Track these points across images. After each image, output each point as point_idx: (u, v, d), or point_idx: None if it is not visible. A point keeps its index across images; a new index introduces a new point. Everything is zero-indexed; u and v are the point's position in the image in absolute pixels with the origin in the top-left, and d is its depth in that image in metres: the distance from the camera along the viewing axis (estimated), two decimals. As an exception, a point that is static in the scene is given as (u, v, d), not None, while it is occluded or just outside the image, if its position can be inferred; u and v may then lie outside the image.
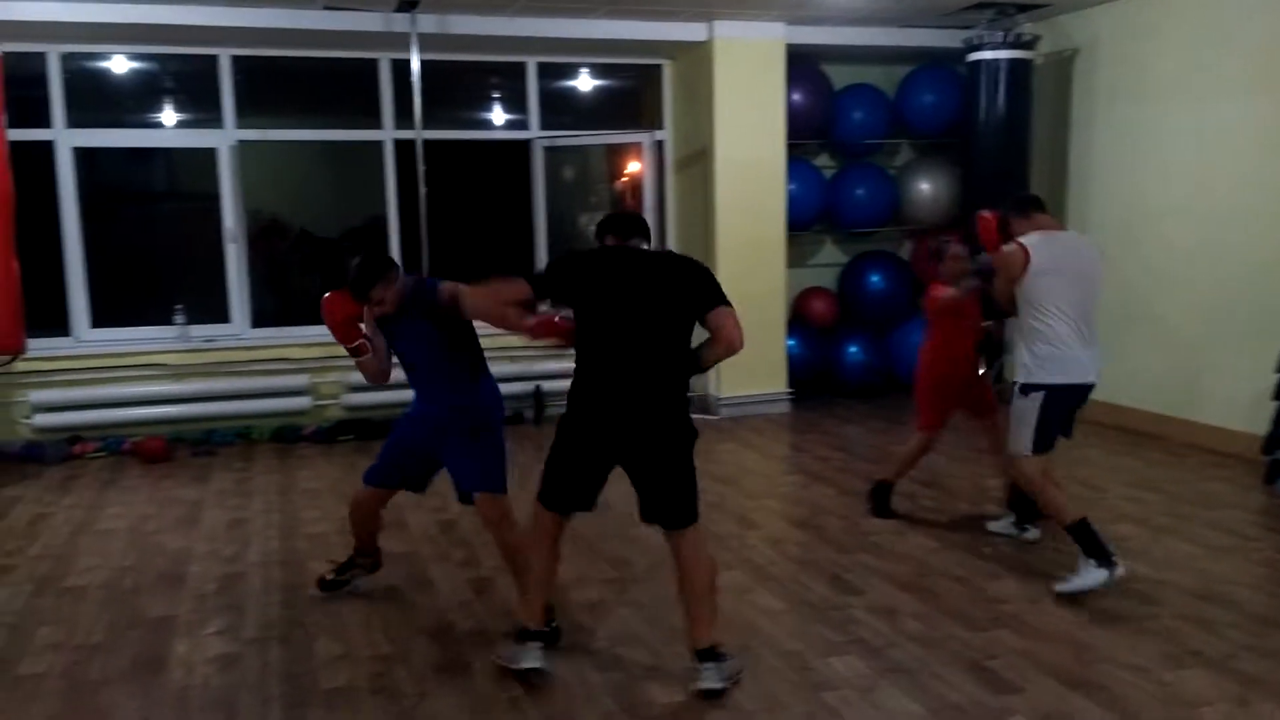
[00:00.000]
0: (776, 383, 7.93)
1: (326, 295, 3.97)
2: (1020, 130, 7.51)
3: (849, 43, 7.92)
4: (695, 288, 3.51)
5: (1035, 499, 4.38)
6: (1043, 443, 4.24)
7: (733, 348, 3.52)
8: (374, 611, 4.15)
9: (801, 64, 7.94)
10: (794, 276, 8.22)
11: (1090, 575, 4.05)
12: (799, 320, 8.36)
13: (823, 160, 8.67)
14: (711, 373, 7.79)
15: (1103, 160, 7.41)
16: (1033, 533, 4.82)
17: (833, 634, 3.84)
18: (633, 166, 8.33)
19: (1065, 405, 4.29)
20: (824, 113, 8.27)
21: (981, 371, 5.19)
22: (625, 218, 3.77)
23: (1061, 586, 4.12)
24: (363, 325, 4.01)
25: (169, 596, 4.35)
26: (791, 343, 8.07)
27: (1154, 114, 6.94)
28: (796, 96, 7.97)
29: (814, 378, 8.31)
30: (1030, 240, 4.26)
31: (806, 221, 8.29)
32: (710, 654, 3.44)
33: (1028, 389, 4.25)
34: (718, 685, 3.39)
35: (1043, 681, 3.43)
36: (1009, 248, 4.30)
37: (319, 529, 5.24)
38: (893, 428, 7.37)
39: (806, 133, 8.17)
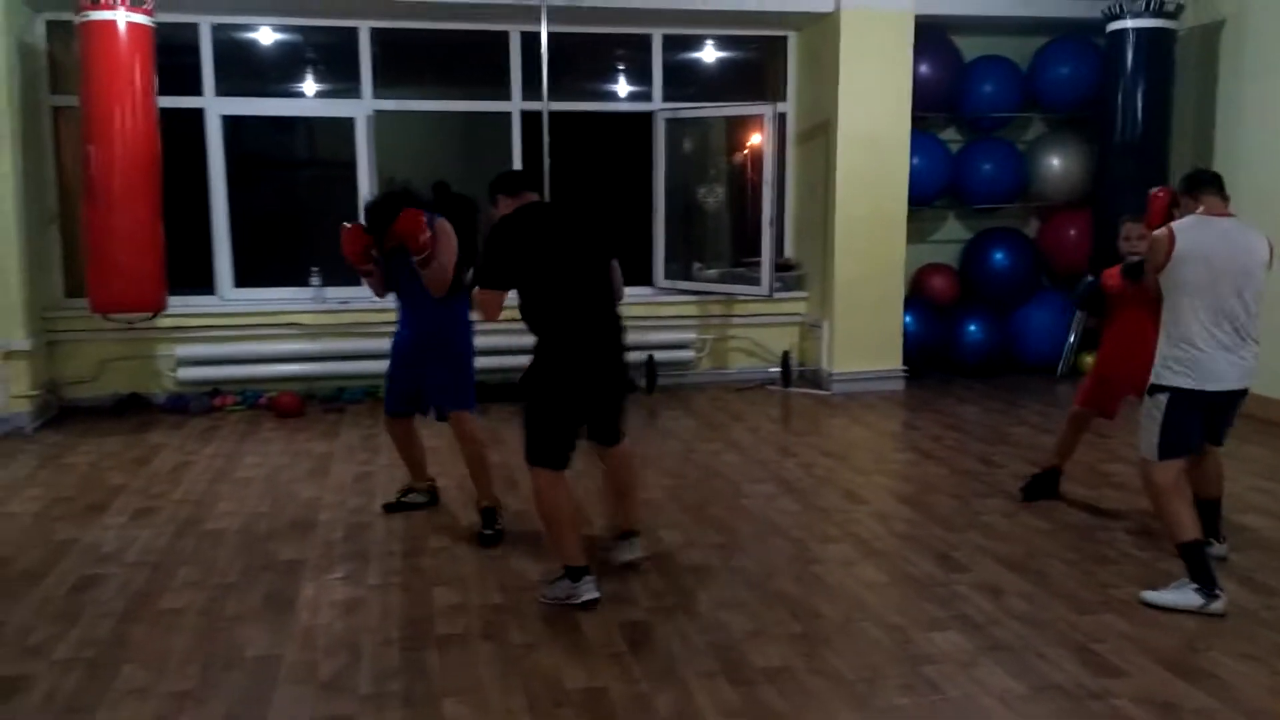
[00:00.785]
0: (891, 360, 7.86)
1: (346, 227, 4.65)
2: (1162, 105, 7.25)
3: (981, 13, 7.75)
4: (607, 236, 4.00)
5: (1155, 506, 4.02)
6: (1171, 448, 3.88)
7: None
8: (489, 565, 4.33)
9: (930, 35, 7.80)
10: (914, 252, 8.11)
11: (1186, 597, 3.78)
12: (917, 297, 8.25)
13: (949, 134, 8.51)
14: (825, 347, 7.81)
15: (1250, 138, 7.08)
16: (1219, 549, 4.29)
17: (936, 609, 3.85)
18: (742, 138, 8.33)
19: (1197, 411, 3.89)
20: (952, 85, 8.12)
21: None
22: (512, 176, 4.18)
23: (1150, 595, 3.87)
24: (374, 252, 4.62)
25: (299, 542, 4.61)
26: (909, 319, 7.98)
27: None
28: (924, 68, 7.83)
29: (931, 356, 8.20)
30: (1182, 224, 3.90)
31: (929, 196, 8.16)
32: (633, 533, 4.24)
33: (1155, 389, 3.93)
34: (638, 556, 4.20)
35: (1148, 667, 3.39)
36: (1158, 231, 3.97)
37: (439, 484, 5.45)
38: (1011, 409, 7.25)
39: (933, 105, 8.03)
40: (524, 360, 3.99)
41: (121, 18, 6.21)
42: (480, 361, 4.96)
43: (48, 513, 5.05)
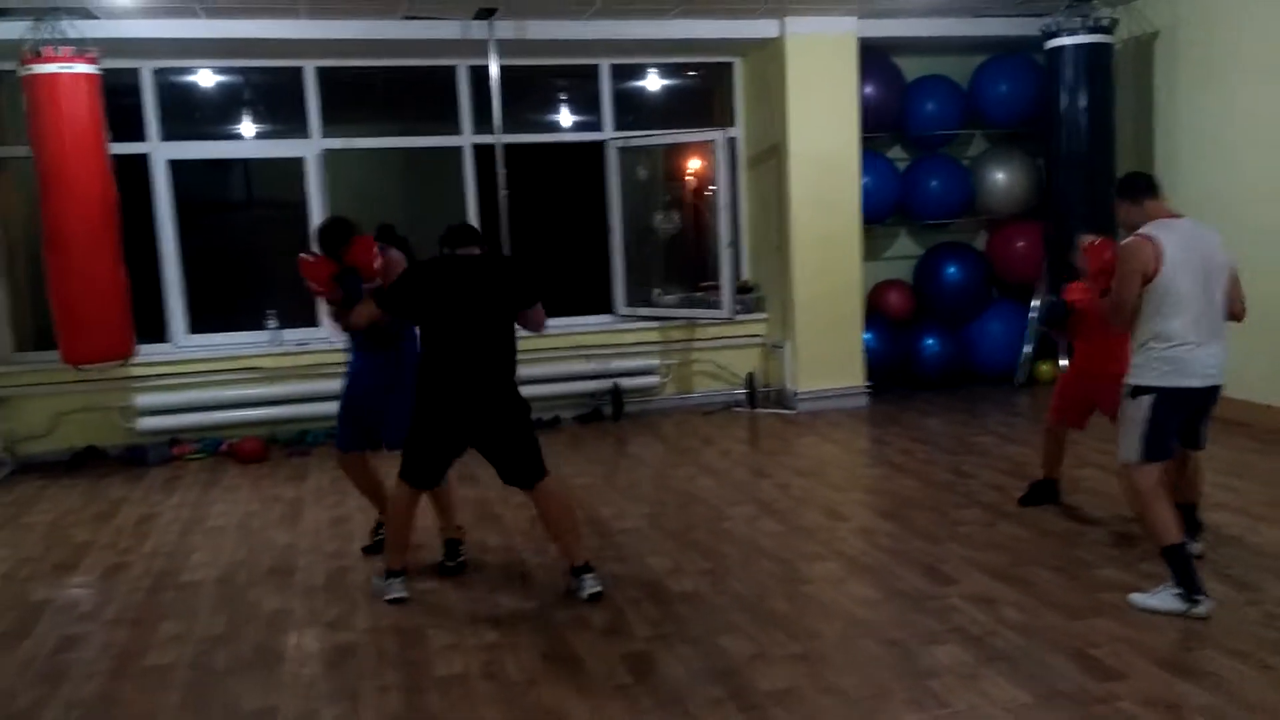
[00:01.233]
0: (854, 377, 7.95)
1: (306, 257, 4.68)
2: (1104, 117, 7.43)
3: (922, 34, 7.92)
4: (515, 286, 4.29)
5: (1137, 510, 4.05)
6: (1154, 450, 3.90)
7: (536, 331, 4.50)
8: (479, 603, 4.28)
9: (873, 56, 7.95)
10: (869, 270, 8.23)
11: (1169, 601, 3.82)
12: (874, 314, 8.36)
13: (896, 153, 8.66)
14: (788, 367, 7.88)
15: (1189, 146, 7.30)
16: (1196, 546, 4.29)
17: (932, 623, 3.88)
18: (694, 164, 8.41)
19: (1181, 410, 3.92)
20: (896, 105, 8.27)
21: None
22: (454, 230, 4.37)
23: (1137, 599, 3.92)
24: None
25: (281, 590, 4.52)
26: (868, 336, 8.08)
27: (1242, 97, 6.84)
28: (868, 89, 7.98)
29: (891, 371, 8.31)
30: (1155, 232, 3.84)
31: (881, 214, 8.30)
32: (585, 568, 4.28)
33: (1138, 391, 3.92)
34: (599, 589, 4.22)
35: (1147, 668, 3.44)
36: (1131, 242, 3.88)
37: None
38: (973, 419, 7.37)
39: (879, 125, 8.17)
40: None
41: (68, 70, 6.09)
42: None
43: (15, 574, 4.89)
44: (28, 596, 4.57)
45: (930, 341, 8.37)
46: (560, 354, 7.84)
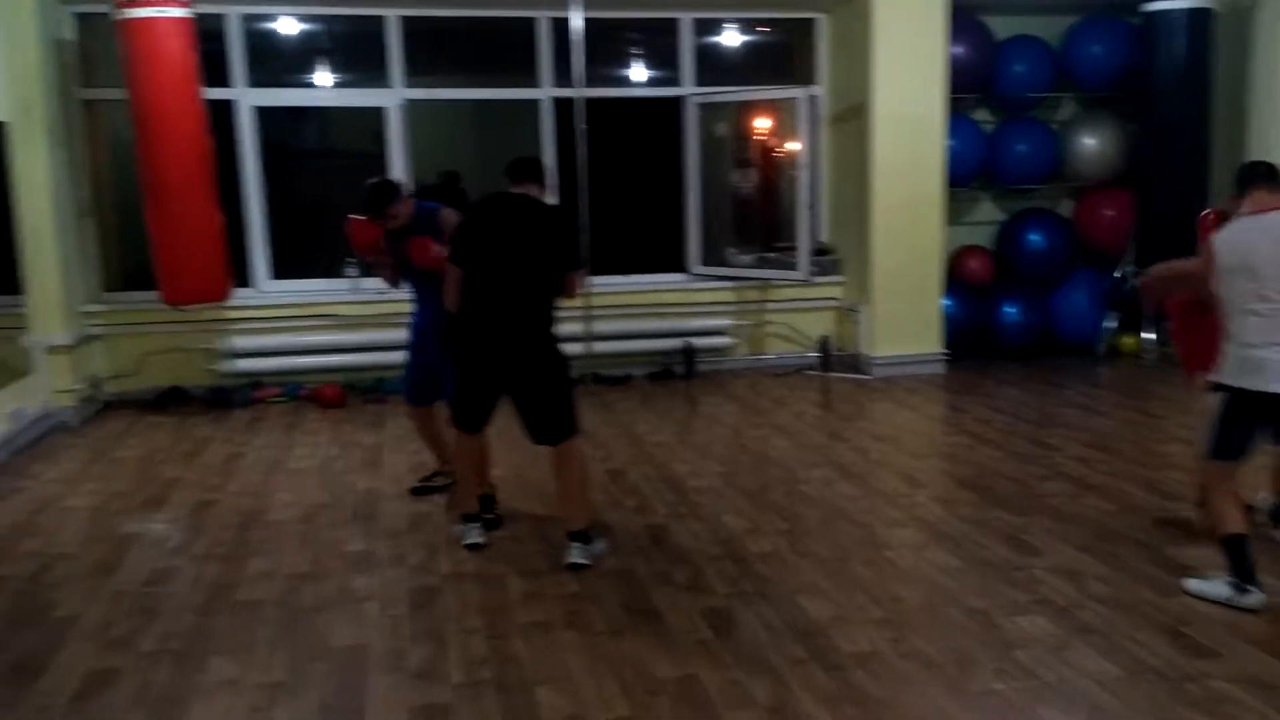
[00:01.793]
0: (931, 343, 7.83)
1: (352, 219, 4.74)
2: (1201, 85, 7.20)
3: (1015, -8, 7.69)
4: (560, 243, 4.18)
5: (1204, 495, 4.02)
6: (1223, 449, 3.80)
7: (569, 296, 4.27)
8: (559, 552, 4.31)
9: (962, 15, 7.75)
10: (950, 234, 8.08)
11: (1219, 589, 3.73)
12: (954, 279, 8.22)
13: (982, 115, 8.46)
14: (863, 331, 7.79)
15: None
16: None
17: (1017, 593, 3.84)
18: (773, 122, 8.29)
19: (1253, 413, 3.75)
20: (985, 66, 8.06)
21: None
22: (516, 162, 4.27)
23: (1190, 583, 3.83)
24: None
25: (366, 532, 4.61)
26: (947, 302, 7.95)
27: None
28: (956, 49, 7.78)
29: (970, 338, 8.17)
30: (1222, 234, 3.79)
31: (964, 178, 8.12)
32: (579, 535, 4.16)
33: (1215, 386, 3.83)
34: (581, 560, 4.10)
35: (1241, 648, 3.37)
36: (1202, 253, 3.87)
37: (491, 473, 5.44)
38: (1054, 390, 7.24)
39: (966, 86, 7.97)
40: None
41: (164, 12, 6.16)
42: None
43: (107, 506, 5.04)
44: (118, 529, 4.71)
45: (1011, 309, 8.21)
46: (633, 311, 7.84)
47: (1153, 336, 8.06)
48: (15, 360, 6.26)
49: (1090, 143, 8.13)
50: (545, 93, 7.91)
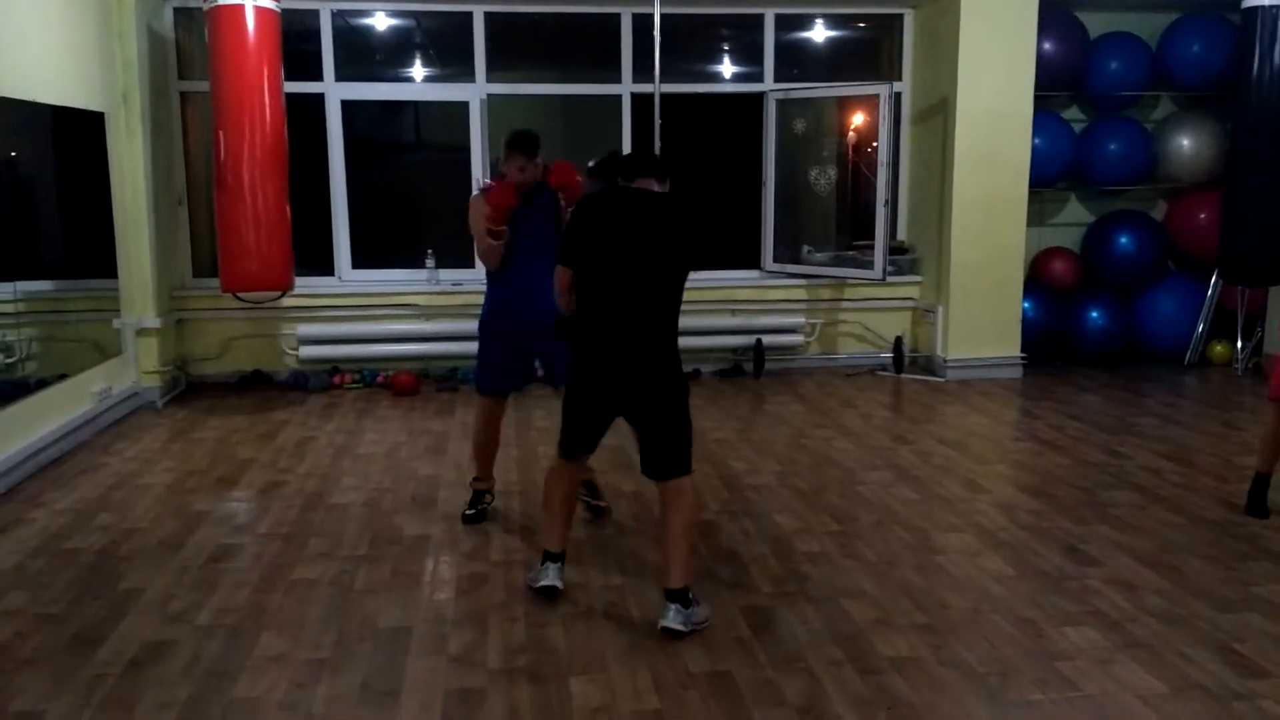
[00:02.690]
0: (1009, 346, 7.66)
1: (495, 183, 4.40)
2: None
3: (1109, -12, 7.47)
4: (687, 244, 3.62)
5: None
6: None
7: None
8: (607, 545, 4.36)
9: (1054, 10, 7.55)
10: (1033, 236, 7.89)
11: None
12: (1036, 282, 8.02)
13: (1072, 113, 8.23)
14: (939, 333, 7.65)
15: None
16: None
17: (1068, 604, 3.74)
18: (855, 119, 8.18)
19: None
20: (1077, 63, 7.85)
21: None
22: (630, 158, 3.88)
23: None
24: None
25: (423, 518, 4.71)
26: (1027, 305, 7.76)
27: None
28: (1047, 45, 7.59)
29: (1050, 343, 7.97)
30: None
31: (1051, 177, 7.92)
32: (677, 595, 3.53)
33: None
34: (676, 627, 3.48)
35: (1299, 670, 3.25)
36: None
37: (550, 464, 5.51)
38: (1135, 399, 7.01)
39: (1056, 83, 7.78)
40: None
41: (250, 4, 6.35)
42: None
43: (181, 484, 5.24)
44: (190, 507, 4.89)
45: (1095, 314, 7.97)
46: (705, 307, 7.83)
47: (1246, 345, 7.76)
48: (107, 340, 6.54)
49: (1185, 143, 7.86)
50: (625, 88, 7.95)
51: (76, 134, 6.22)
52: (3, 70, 5.23)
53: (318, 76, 7.61)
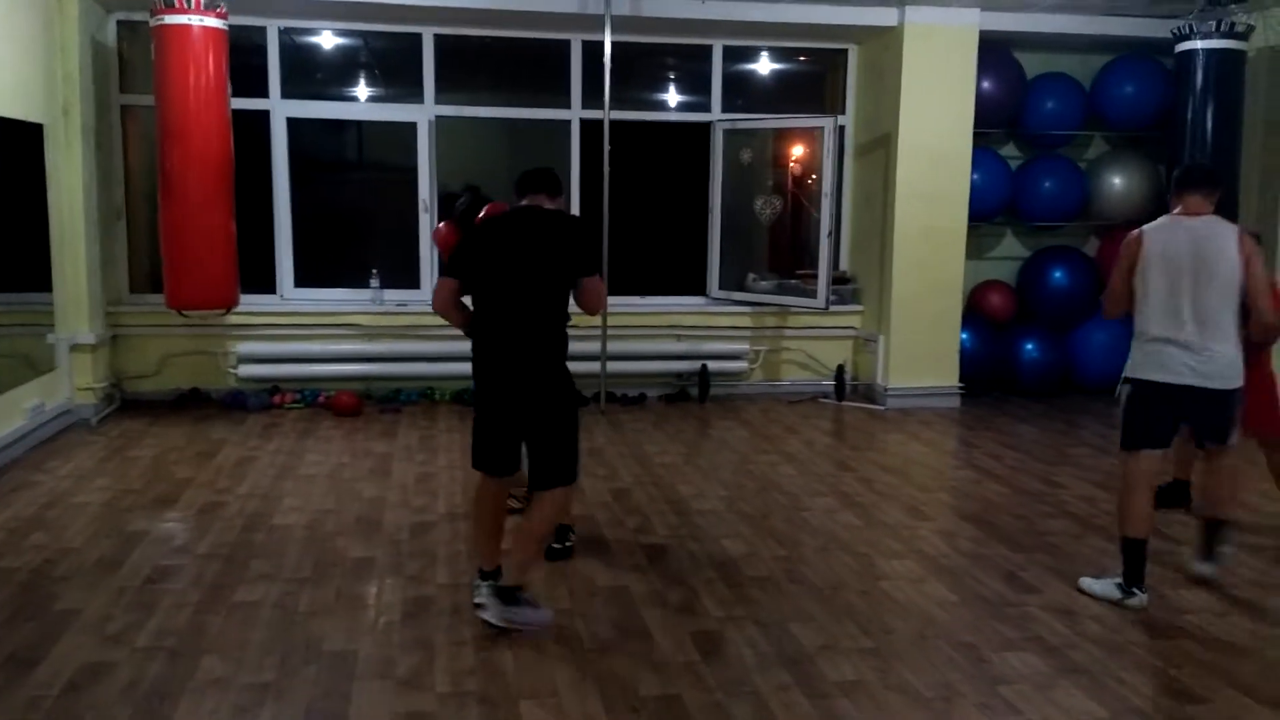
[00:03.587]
0: (948, 376, 7.81)
1: (440, 225, 4.74)
2: (1232, 126, 7.15)
3: (1047, 30, 7.69)
4: (574, 251, 3.73)
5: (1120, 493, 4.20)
6: (1130, 439, 4.11)
7: (590, 313, 3.90)
8: (554, 569, 4.34)
9: (993, 50, 7.76)
10: (971, 269, 8.07)
11: (1108, 589, 4.06)
12: (973, 313, 8.19)
13: (1009, 150, 8.46)
14: (880, 362, 7.78)
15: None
16: (1206, 568, 4.31)
17: (1009, 630, 3.82)
18: (799, 150, 8.31)
19: (1156, 404, 4.02)
20: (1014, 101, 8.07)
21: None
22: (524, 175, 3.89)
23: (1085, 583, 4.18)
24: None
25: (367, 540, 4.65)
26: (965, 336, 7.93)
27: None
28: (986, 84, 7.79)
29: (987, 374, 8.13)
30: (1150, 226, 4.11)
31: (988, 212, 8.11)
32: (505, 591, 3.69)
33: (1123, 380, 4.19)
34: (489, 619, 3.66)
35: (1231, 695, 3.34)
36: (1129, 235, 4.19)
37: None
38: (1070, 430, 7.19)
39: (994, 121, 7.99)
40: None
41: (197, 20, 6.28)
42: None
43: (117, 503, 5.12)
44: (126, 526, 4.78)
45: (1030, 346, 8.17)
46: (650, 332, 7.88)
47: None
48: (40, 356, 6.37)
49: (1118, 182, 8.10)
50: (574, 114, 7.99)
51: (14, 145, 6.08)
52: (-60, 77, 5.11)
53: (262, 93, 7.54)
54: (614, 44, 7.26)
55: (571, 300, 3.76)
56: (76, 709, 3.13)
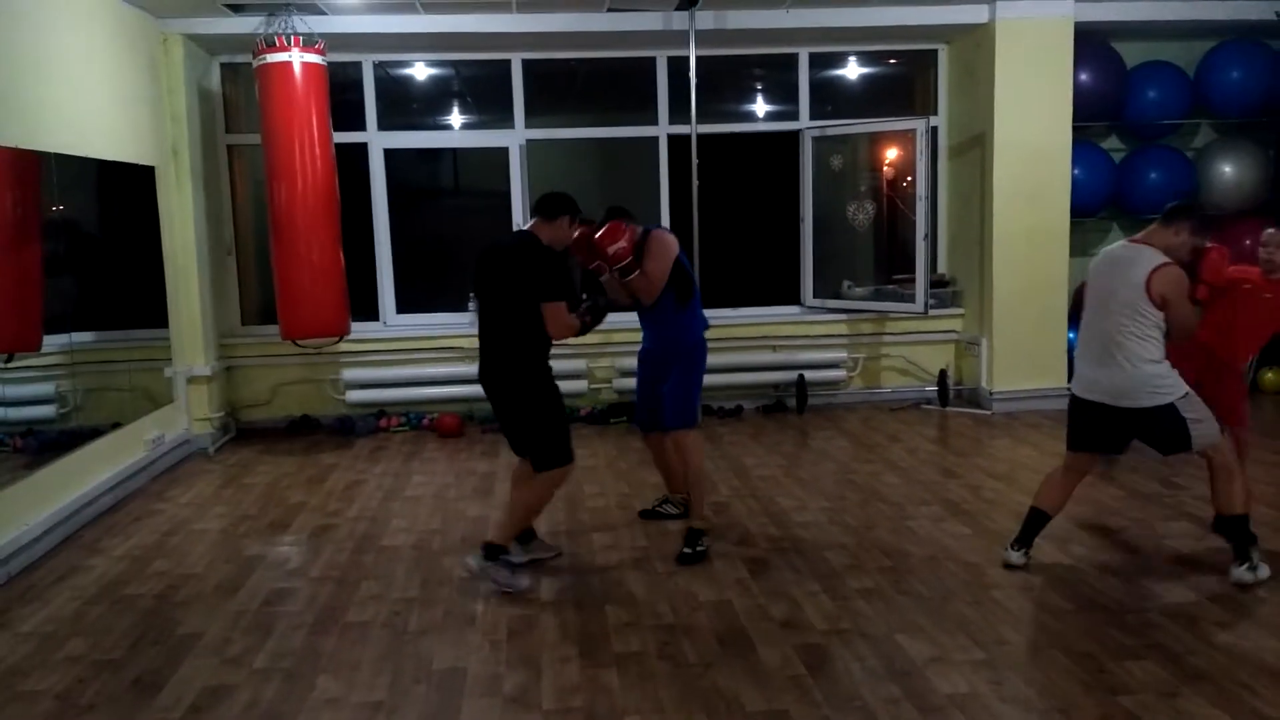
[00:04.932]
0: (1055, 378, 7.58)
1: (609, 224, 4.59)
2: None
3: (1145, 18, 7.45)
4: (519, 280, 4.17)
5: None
6: (1069, 441, 4.40)
7: (555, 339, 4.32)
8: (656, 583, 4.35)
9: (1090, 41, 7.55)
10: (1076, 266, 7.83)
11: (1242, 575, 4.11)
12: (1079, 313, 7.93)
13: (1111, 143, 8.21)
14: (983, 365, 7.61)
15: None
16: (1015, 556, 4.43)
17: (1129, 638, 3.68)
18: (891, 154, 8.19)
19: (1079, 414, 4.32)
20: (1114, 93, 7.83)
21: None
22: (538, 200, 4.41)
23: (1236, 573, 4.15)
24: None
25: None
26: (1073, 336, 7.69)
27: None
28: (1083, 76, 7.59)
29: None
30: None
31: (1092, 208, 7.88)
32: (490, 549, 4.26)
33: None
34: (474, 569, 4.28)
35: (1373, 704, 3.17)
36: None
37: (599, 503, 5.53)
38: (1187, 428, 6.89)
39: (1094, 114, 7.76)
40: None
41: (297, 59, 6.51)
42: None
43: (234, 529, 5.30)
44: (243, 551, 4.95)
45: (1141, 344, 7.88)
46: (746, 344, 7.85)
47: None
48: (159, 389, 6.65)
49: (1227, 170, 7.80)
50: (662, 130, 8.03)
51: (128, 187, 6.38)
52: (58, 127, 5.38)
53: (360, 126, 7.76)
54: (699, 58, 7.27)
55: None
56: (200, 729, 3.24)
